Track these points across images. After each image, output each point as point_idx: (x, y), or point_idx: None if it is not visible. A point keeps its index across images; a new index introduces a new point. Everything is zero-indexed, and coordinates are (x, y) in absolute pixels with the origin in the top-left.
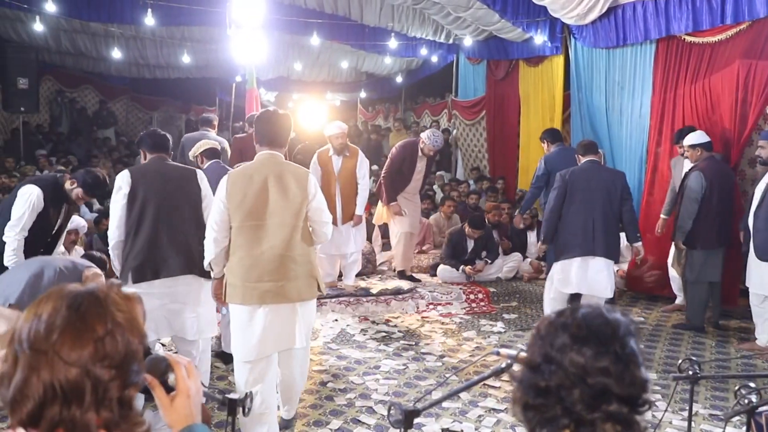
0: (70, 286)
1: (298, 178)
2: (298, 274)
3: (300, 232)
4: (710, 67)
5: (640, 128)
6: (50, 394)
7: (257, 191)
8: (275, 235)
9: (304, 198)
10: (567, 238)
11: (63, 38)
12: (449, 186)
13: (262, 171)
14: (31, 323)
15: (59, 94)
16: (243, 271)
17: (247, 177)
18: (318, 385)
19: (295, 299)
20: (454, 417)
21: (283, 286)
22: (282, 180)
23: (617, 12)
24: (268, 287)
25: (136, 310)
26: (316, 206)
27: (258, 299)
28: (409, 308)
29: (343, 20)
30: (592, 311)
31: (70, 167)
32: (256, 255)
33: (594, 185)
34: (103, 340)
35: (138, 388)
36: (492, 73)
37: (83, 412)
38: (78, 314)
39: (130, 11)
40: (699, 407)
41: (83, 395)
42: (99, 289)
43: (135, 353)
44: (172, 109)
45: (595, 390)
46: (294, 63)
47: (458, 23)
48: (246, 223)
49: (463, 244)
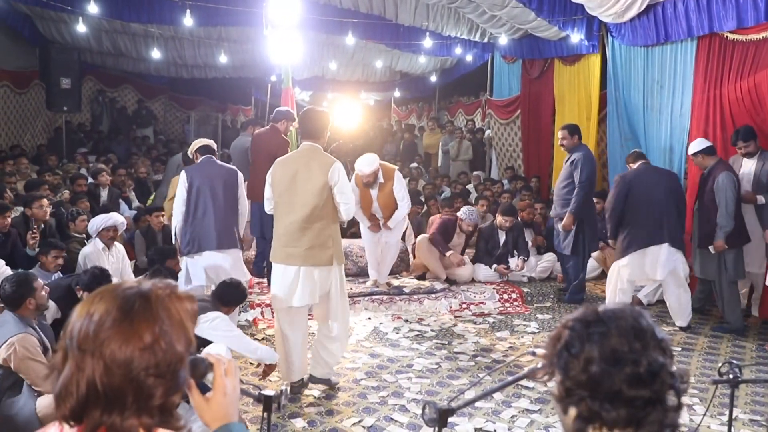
0: (125, 284)
1: (322, 166)
2: (314, 244)
3: (320, 210)
4: (755, 65)
5: (680, 127)
6: (93, 395)
7: (290, 175)
8: (299, 211)
9: (325, 182)
10: (634, 231)
11: (104, 39)
12: (483, 186)
13: (298, 159)
14: (83, 321)
15: (100, 93)
16: (277, 236)
17: (285, 164)
18: (351, 382)
19: (307, 263)
20: (487, 417)
21: (299, 251)
22: (309, 166)
23: (656, 9)
24: (290, 251)
25: (187, 312)
26: (338, 190)
27: (283, 259)
28: (442, 307)
29: (378, 20)
30: (617, 309)
31: (110, 165)
32: (285, 224)
33: (654, 182)
34: (149, 348)
35: (181, 395)
36: (527, 72)
37: (125, 418)
38: (128, 319)
39: (169, 12)
40: (739, 412)
41: (125, 400)
42: (152, 290)
43: (180, 362)
44: (208, 109)
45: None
46: (329, 62)
47: (493, 22)
48: (280, 199)
49: (495, 238)
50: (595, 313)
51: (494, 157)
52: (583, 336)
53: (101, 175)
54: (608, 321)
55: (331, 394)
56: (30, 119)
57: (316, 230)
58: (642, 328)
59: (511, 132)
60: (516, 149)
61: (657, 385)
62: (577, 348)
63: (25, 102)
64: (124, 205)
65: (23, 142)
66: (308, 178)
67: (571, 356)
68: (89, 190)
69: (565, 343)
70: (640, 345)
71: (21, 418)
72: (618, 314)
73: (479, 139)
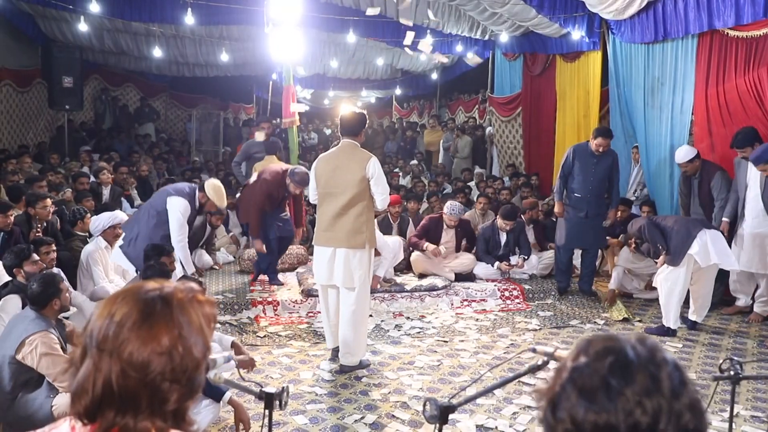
0: (148, 285)
1: (360, 160)
2: (348, 229)
3: (357, 199)
4: (755, 61)
5: (681, 124)
6: (108, 395)
7: (330, 169)
8: (337, 200)
9: (363, 176)
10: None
11: (106, 38)
12: (484, 183)
13: (339, 154)
14: (103, 321)
15: (102, 92)
16: (318, 222)
17: (327, 159)
18: (353, 379)
19: (342, 245)
20: (488, 414)
21: (336, 235)
22: (349, 160)
23: (657, 6)
24: (329, 235)
25: (207, 317)
26: (374, 183)
27: (322, 242)
28: (444, 305)
29: (378, 17)
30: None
31: (112, 163)
32: (325, 212)
33: None
34: (166, 353)
35: (195, 400)
36: (528, 69)
37: (138, 420)
38: (147, 322)
39: (171, 11)
40: (740, 408)
41: (140, 403)
42: (174, 294)
43: (196, 367)
44: (210, 107)
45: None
46: (330, 60)
47: (494, 19)
48: (322, 191)
49: (495, 239)
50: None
51: (495, 154)
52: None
53: (102, 174)
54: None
55: (333, 391)
56: (32, 118)
57: (352, 217)
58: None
59: (512, 129)
60: (517, 146)
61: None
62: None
63: (27, 100)
64: (126, 204)
65: (26, 140)
66: (347, 171)
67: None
68: (91, 188)
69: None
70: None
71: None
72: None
73: (479, 136)
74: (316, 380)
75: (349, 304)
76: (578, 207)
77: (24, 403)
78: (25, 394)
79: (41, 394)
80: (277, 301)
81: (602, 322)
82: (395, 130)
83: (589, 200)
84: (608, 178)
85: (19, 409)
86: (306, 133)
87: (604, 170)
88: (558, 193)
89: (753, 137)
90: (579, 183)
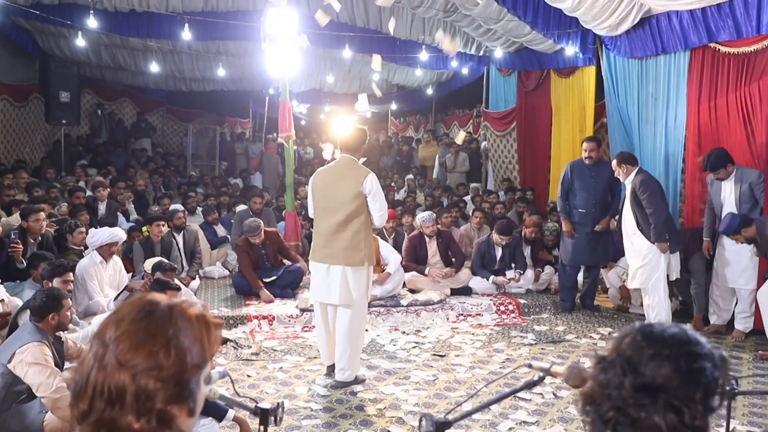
0: (161, 296)
1: (356, 177)
2: (345, 246)
3: (354, 215)
4: (747, 77)
5: (675, 139)
6: (99, 390)
7: (326, 184)
8: (334, 216)
9: (359, 191)
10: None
11: (103, 53)
12: (480, 197)
13: (336, 169)
14: (110, 316)
15: (99, 106)
16: (315, 238)
17: (324, 174)
18: (348, 395)
19: (340, 263)
20: (484, 429)
21: (333, 251)
22: (345, 176)
23: (650, 22)
24: (327, 251)
25: (212, 335)
26: (371, 199)
27: (319, 258)
28: (439, 319)
29: (374, 33)
30: (680, 329)
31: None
32: (322, 227)
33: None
34: (158, 351)
35: (185, 408)
36: (523, 84)
37: (122, 415)
38: (145, 319)
39: (168, 26)
40: (736, 423)
41: (124, 398)
42: (180, 304)
43: (186, 373)
44: (206, 121)
45: (641, 387)
46: (326, 75)
47: (489, 35)
48: (318, 205)
49: (491, 253)
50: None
51: (490, 169)
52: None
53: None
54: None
55: (328, 407)
56: (29, 132)
57: (350, 233)
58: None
59: (507, 144)
60: (512, 161)
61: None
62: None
63: (24, 115)
64: (122, 218)
65: (22, 155)
66: (344, 186)
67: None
68: (87, 203)
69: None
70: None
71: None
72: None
73: (474, 150)
74: (311, 395)
75: (345, 321)
76: (583, 223)
77: (16, 415)
78: (18, 406)
79: (34, 408)
80: (273, 315)
81: (598, 337)
82: (391, 144)
83: (594, 215)
84: (609, 191)
85: (11, 421)
86: (302, 148)
87: (604, 183)
88: (563, 212)
89: (725, 159)
90: (582, 199)
